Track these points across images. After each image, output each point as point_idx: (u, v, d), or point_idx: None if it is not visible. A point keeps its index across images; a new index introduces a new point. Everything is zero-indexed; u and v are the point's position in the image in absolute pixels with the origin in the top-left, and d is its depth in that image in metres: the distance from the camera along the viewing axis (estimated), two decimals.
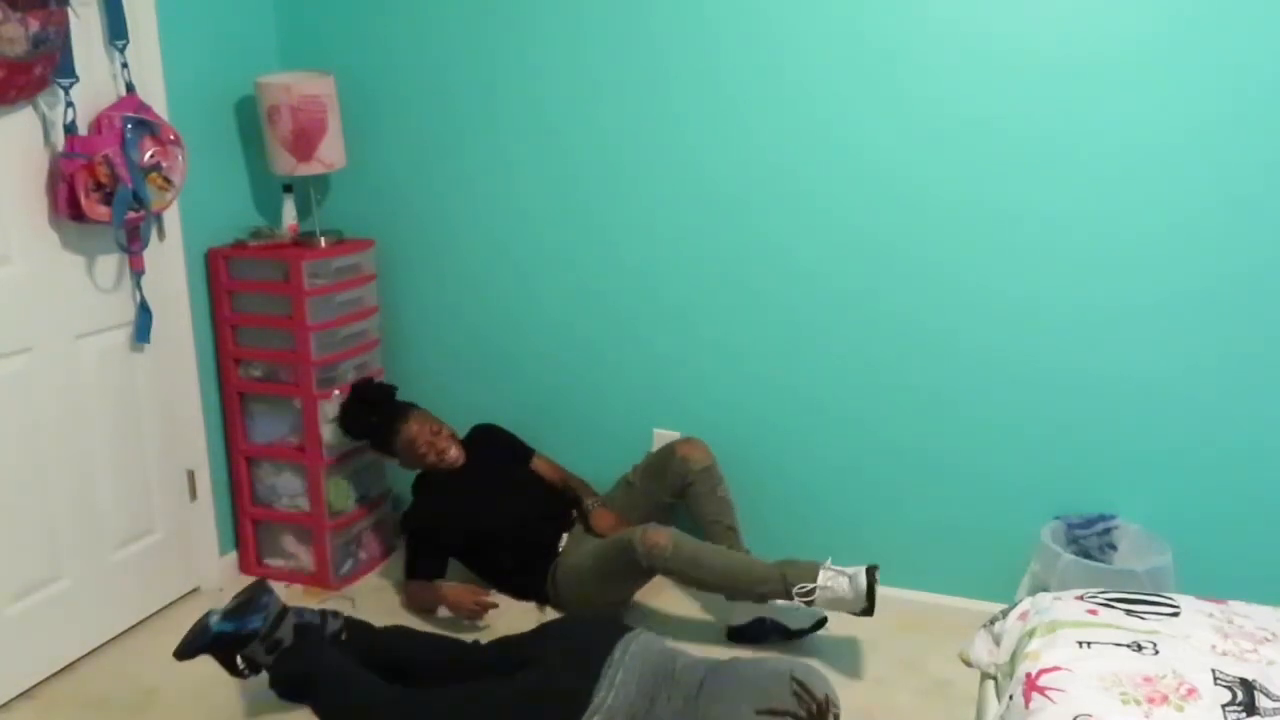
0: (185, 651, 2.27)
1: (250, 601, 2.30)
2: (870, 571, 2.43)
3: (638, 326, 3.01)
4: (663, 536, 2.56)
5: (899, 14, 2.57)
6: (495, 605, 2.75)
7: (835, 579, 2.47)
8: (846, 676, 2.53)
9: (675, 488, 2.86)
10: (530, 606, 2.90)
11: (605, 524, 2.90)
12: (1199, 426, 2.58)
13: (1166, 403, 2.59)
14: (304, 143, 2.87)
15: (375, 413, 2.96)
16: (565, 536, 2.90)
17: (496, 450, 3.07)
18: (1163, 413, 2.60)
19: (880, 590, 2.85)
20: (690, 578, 2.60)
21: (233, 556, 3.12)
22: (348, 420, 2.97)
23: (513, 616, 2.86)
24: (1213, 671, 1.60)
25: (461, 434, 3.03)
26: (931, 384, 2.78)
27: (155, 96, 2.64)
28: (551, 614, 2.86)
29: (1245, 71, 2.36)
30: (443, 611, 2.83)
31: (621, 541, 2.61)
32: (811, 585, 2.48)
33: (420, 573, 2.86)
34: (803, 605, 2.50)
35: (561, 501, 3.00)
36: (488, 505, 2.88)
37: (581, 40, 2.85)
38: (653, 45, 2.79)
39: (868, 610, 2.43)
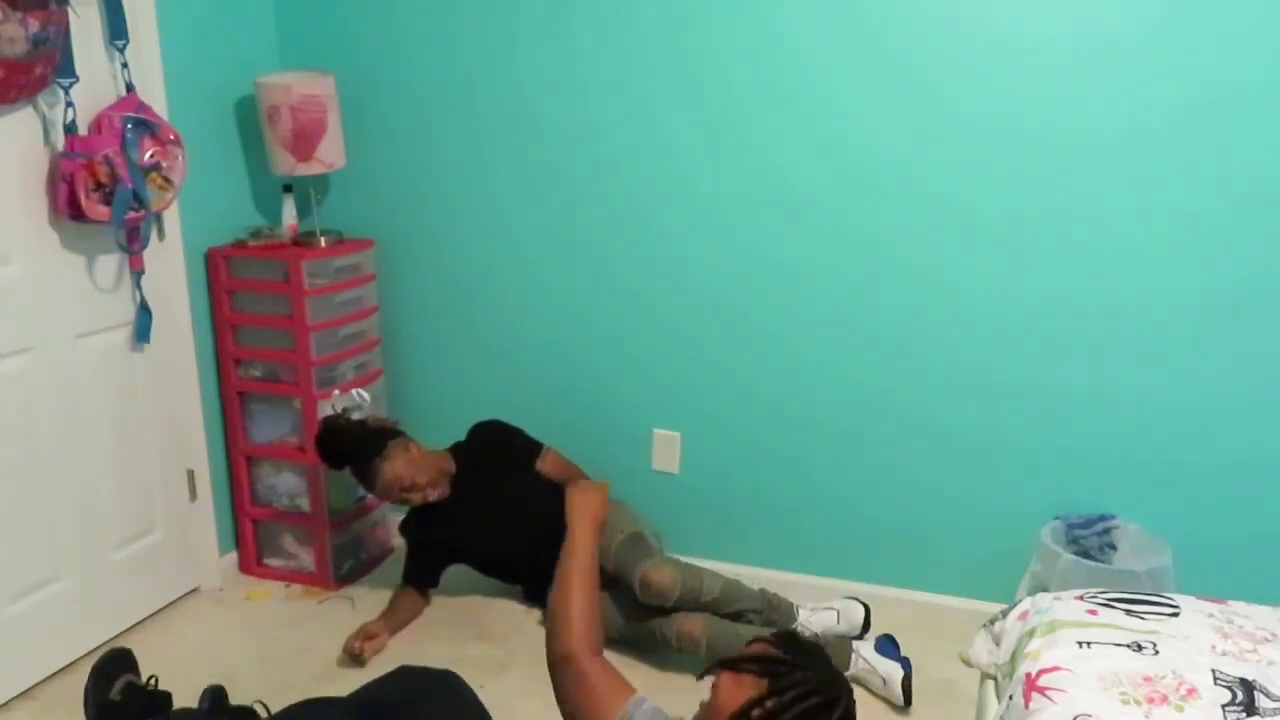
0: None
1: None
2: (905, 681, 2.44)
3: (638, 327, 3.01)
4: (696, 628, 2.50)
5: (896, 6, 2.57)
6: (362, 663, 2.59)
7: (869, 675, 2.50)
8: (847, 677, 2.53)
9: (656, 610, 2.62)
10: (537, 611, 2.90)
11: None
12: (1199, 427, 2.58)
13: (1167, 404, 2.59)
14: (304, 143, 2.87)
15: (345, 460, 2.79)
16: None
17: (498, 455, 2.94)
18: (1163, 413, 2.60)
19: (880, 590, 2.87)
20: None
21: (233, 556, 3.12)
22: (325, 456, 2.80)
23: (516, 617, 2.87)
24: (1213, 671, 1.60)
25: (461, 433, 3.00)
26: (932, 385, 2.78)
27: (155, 96, 2.64)
28: None
29: (1265, 71, 2.36)
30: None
31: (652, 632, 2.55)
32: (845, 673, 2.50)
33: (411, 581, 2.85)
34: None
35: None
36: (486, 531, 2.81)
37: (579, 43, 2.85)
38: (648, 48, 2.78)
39: (905, 708, 2.44)
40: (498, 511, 2.83)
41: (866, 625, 2.65)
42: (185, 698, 2.48)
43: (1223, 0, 2.34)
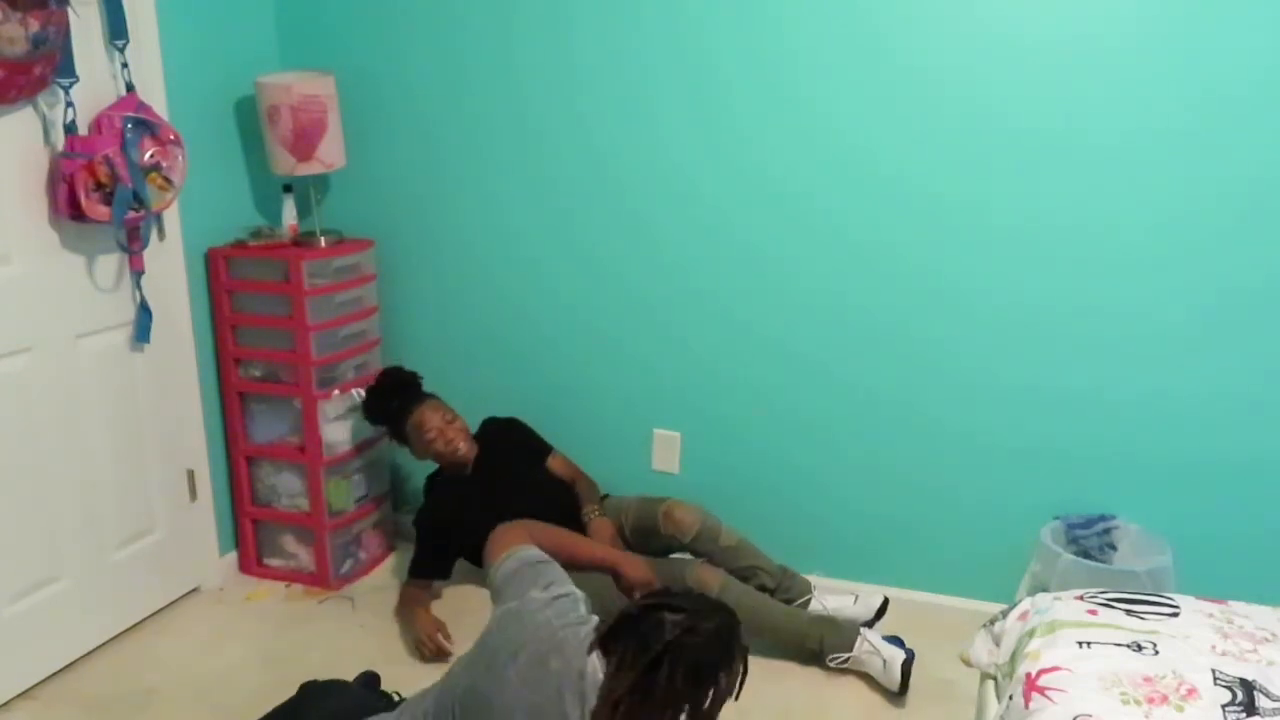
0: None
1: None
2: (906, 664, 2.45)
3: (638, 327, 3.01)
4: (713, 579, 2.55)
5: (895, 6, 2.57)
6: (446, 656, 2.64)
7: (871, 657, 2.50)
8: (847, 676, 2.54)
9: (671, 550, 2.79)
10: None
11: (604, 537, 2.80)
12: (1199, 427, 2.58)
13: (1166, 404, 2.60)
14: (304, 143, 2.87)
15: (394, 397, 2.94)
16: None
17: (512, 448, 3.00)
18: (1163, 413, 2.61)
19: (880, 590, 2.86)
20: None
21: (233, 556, 3.12)
22: (369, 404, 2.95)
23: None
24: (1213, 671, 1.60)
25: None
26: (932, 385, 2.78)
27: (155, 96, 2.64)
28: None
29: (1265, 72, 2.35)
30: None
31: (671, 575, 2.55)
32: (846, 655, 2.52)
33: (422, 572, 2.83)
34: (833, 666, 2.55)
35: (576, 505, 2.93)
36: (501, 510, 2.83)
37: (578, 43, 2.85)
38: (646, 50, 2.78)
39: (901, 694, 2.45)
40: (514, 496, 2.85)
41: (881, 614, 2.68)
42: (186, 697, 2.49)
43: (1223, 1, 2.34)
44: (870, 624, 2.65)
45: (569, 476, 3.01)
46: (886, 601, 2.70)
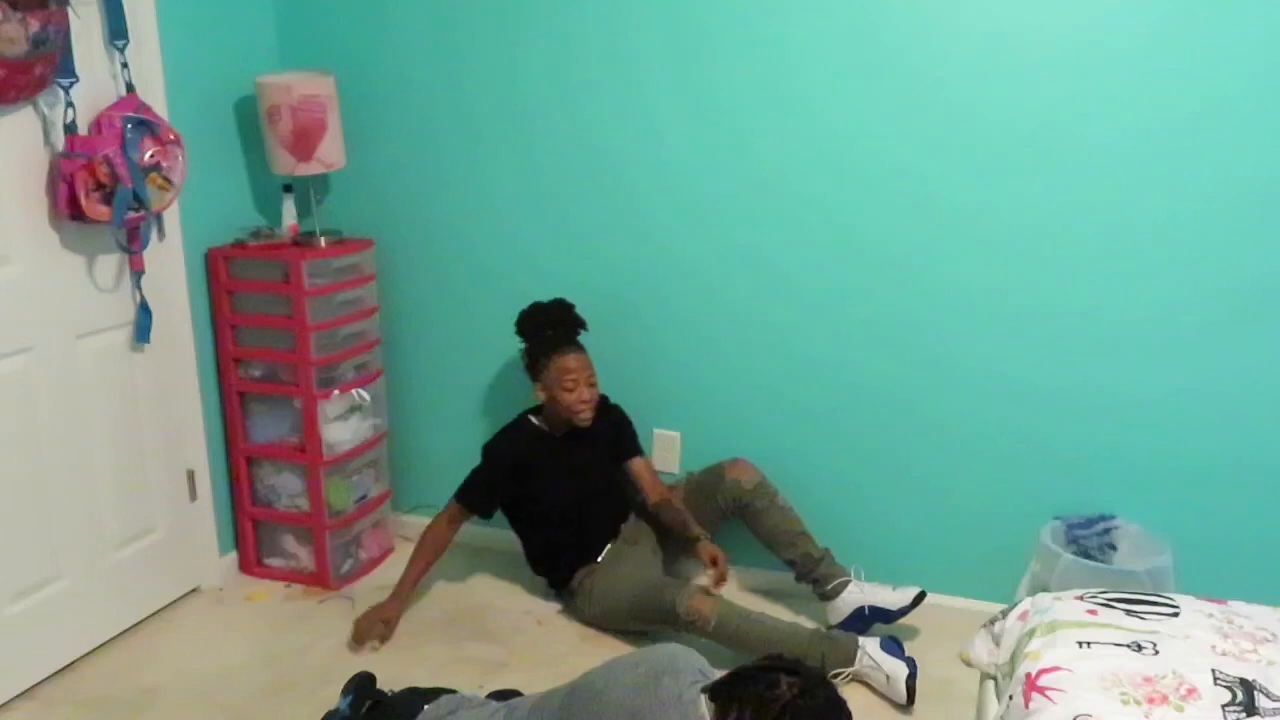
0: None
1: None
2: (910, 680, 2.43)
3: (637, 327, 3.01)
4: (707, 606, 2.52)
5: (895, 7, 2.57)
6: (374, 648, 2.69)
7: (873, 672, 2.49)
8: (851, 673, 2.54)
9: (729, 509, 2.82)
10: (551, 607, 2.90)
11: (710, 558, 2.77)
12: (1199, 426, 2.58)
13: (1167, 403, 2.60)
14: (304, 143, 2.87)
15: (554, 328, 2.83)
16: (609, 546, 2.84)
17: (604, 434, 2.92)
18: (1163, 413, 2.61)
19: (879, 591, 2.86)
20: (728, 644, 2.54)
21: (233, 556, 3.12)
22: (528, 316, 2.86)
23: (516, 617, 2.87)
24: (1213, 671, 1.60)
25: (461, 434, 2.99)
26: (933, 385, 2.78)
27: (155, 96, 2.64)
28: (564, 621, 2.86)
29: (1265, 73, 2.36)
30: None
31: (664, 601, 2.56)
32: (849, 670, 2.51)
33: (466, 499, 2.80)
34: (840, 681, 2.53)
35: (624, 511, 2.93)
36: (562, 478, 2.81)
37: (578, 43, 2.85)
38: (646, 49, 2.78)
39: (907, 706, 2.44)
40: (577, 474, 2.84)
41: (915, 604, 2.65)
42: (186, 697, 2.49)
43: (1222, 5, 2.35)
44: (906, 610, 2.64)
45: (646, 483, 2.94)
46: (923, 594, 2.65)
